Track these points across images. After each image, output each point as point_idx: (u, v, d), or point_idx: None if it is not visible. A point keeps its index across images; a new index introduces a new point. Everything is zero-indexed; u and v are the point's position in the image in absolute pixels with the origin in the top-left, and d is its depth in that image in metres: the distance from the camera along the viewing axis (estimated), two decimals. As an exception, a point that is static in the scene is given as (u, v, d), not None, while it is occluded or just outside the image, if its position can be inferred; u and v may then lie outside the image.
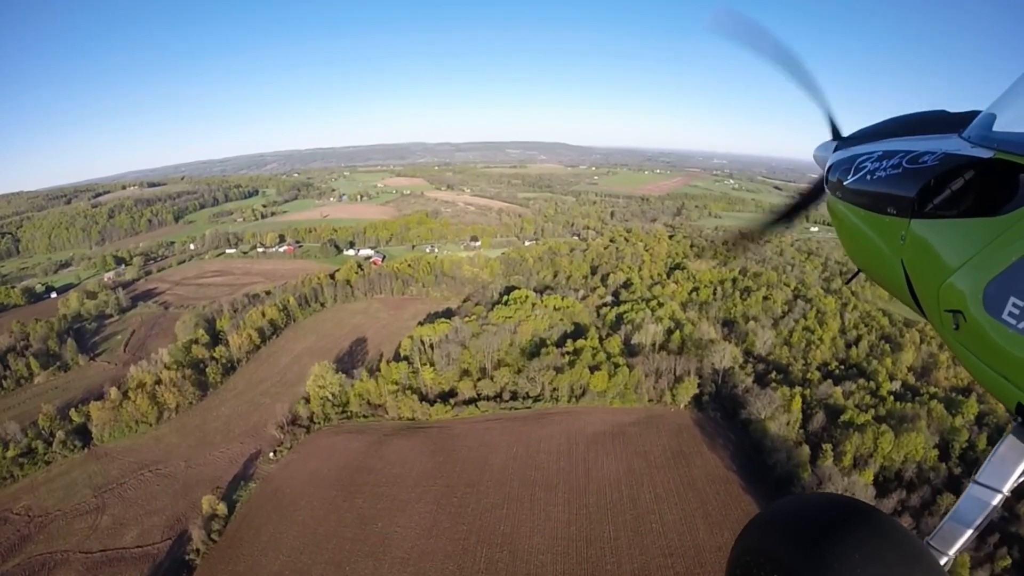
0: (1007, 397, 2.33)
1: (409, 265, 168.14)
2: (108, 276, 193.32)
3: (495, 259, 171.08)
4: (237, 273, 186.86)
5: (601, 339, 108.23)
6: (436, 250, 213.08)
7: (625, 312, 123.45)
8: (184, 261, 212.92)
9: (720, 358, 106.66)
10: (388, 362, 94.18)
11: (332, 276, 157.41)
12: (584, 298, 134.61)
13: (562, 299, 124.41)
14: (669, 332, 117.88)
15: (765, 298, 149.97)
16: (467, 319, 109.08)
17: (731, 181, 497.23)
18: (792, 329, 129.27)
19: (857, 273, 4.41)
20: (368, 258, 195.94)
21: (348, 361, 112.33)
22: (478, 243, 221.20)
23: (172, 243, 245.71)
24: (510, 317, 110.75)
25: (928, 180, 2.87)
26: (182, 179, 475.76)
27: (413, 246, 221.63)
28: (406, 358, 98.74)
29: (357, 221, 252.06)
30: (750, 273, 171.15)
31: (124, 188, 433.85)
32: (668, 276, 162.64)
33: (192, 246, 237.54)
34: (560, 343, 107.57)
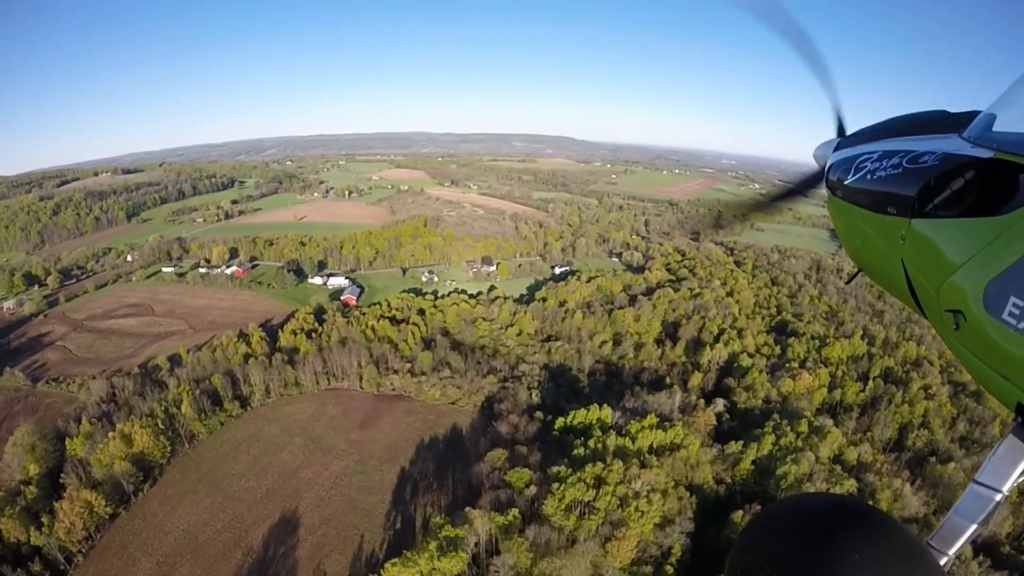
0: (1007, 397, 2.23)
1: (393, 317, 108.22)
2: (8, 306, 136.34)
3: (524, 311, 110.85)
4: (158, 312, 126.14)
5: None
6: (436, 279, 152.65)
7: (772, 456, 65.07)
8: (105, 284, 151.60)
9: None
10: None
11: (274, 342, 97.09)
12: (689, 411, 75.38)
13: (664, 430, 65.26)
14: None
15: (928, 393, 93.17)
16: (500, 522, 48.91)
17: (756, 185, 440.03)
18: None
19: (857, 273, 4.12)
20: (340, 292, 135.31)
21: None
22: (493, 268, 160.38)
23: (108, 251, 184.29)
24: (593, 508, 51.16)
25: (928, 180, 2.76)
26: (160, 166, 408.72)
27: (404, 270, 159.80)
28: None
29: (337, 228, 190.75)
30: (878, 342, 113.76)
31: (96, 175, 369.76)
32: (782, 348, 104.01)
33: (129, 257, 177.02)
34: (688, 565, 49.42)
